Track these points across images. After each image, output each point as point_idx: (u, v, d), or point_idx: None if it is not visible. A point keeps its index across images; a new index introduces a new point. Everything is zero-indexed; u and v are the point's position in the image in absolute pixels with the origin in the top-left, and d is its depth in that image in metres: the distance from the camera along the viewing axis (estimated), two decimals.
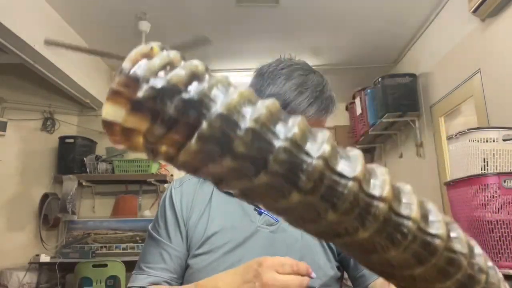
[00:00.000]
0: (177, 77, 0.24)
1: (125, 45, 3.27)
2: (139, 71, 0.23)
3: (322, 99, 0.79)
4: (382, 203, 0.26)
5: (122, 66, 0.24)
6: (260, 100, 0.25)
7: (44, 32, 2.68)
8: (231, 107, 0.24)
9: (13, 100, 3.35)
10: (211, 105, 0.24)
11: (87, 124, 3.73)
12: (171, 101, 0.23)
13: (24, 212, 3.23)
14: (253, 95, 0.26)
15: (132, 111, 0.23)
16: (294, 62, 0.84)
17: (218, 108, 0.24)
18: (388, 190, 0.27)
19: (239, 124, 0.24)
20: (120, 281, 2.75)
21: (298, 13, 2.90)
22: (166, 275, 0.82)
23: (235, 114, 0.24)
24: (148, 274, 0.82)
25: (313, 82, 0.79)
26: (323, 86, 0.81)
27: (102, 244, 3.27)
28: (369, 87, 3.44)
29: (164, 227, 0.86)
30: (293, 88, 0.77)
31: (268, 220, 0.85)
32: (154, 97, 0.23)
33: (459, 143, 1.67)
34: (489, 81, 2.28)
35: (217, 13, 2.90)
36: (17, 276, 2.85)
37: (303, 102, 0.76)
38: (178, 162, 0.25)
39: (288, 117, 0.26)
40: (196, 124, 0.24)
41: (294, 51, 3.59)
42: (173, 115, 0.23)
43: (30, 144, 3.40)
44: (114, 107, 0.23)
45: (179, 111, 0.23)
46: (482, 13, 2.20)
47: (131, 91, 0.23)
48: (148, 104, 0.23)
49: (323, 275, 0.83)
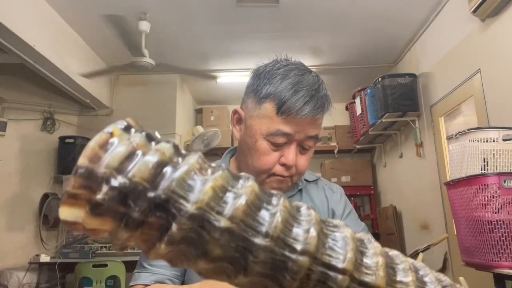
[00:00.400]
0: (140, 172, 0.21)
1: (125, 45, 3.28)
2: (96, 169, 0.20)
3: (318, 97, 0.79)
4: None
5: (77, 163, 0.21)
6: (238, 184, 0.22)
7: (44, 32, 2.68)
8: (203, 205, 0.21)
9: (13, 100, 3.34)
10: (180, 204, 0.21)
11: (87, 124, 3.73)
12: (135, 202, 0.21)
13: (24, 212, 3.23)
14: (229, 180, 0.22)
15: (93, 214, 0.21)
16: (290, 62, 0.85)
17: (189, 208, 0.21)
18: (382, 276, 0.24)
19: (213, 224, 0.21)
20: (120, 281, 2.75)
21: (298, 13, 2.90)
22: (168, 273, 0.82)
23: (208, 212, 0.21)
24: (151, 272, 0.82)
25: (309, 81, 0.80)
26: (318, 85, 0.81)
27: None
28: (369, 87, 3.44)
29: None
30: (289, 87, 0.78)
31: None
32: (115, 199, 0.20)
33: (459, 143, 1.67)
34: (489, 81, 2.28)
35: (217, 13, 2.90)
36: (17, 276, 2.85)
37: (299, 101, 0.77)
38: (150, 256, 0.23)
39: (269, 199, 0.23)
40: (166, 225, 0.21)
41: (294, 51, 3.58)
42: (138, 218, 0.21)
43: (30, 144, 3.40)
44: (71, 210, 0.21)
45: (144, 213, 0.21)
46: (482, 13, 2.20)
47: (89, 193, 0.20)
48: (109, 207, 0.20)
49: None
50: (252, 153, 0.82)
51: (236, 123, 0.88)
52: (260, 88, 0.80)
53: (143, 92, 3.85)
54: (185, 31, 3.14)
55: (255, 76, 0.85)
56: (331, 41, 3.33)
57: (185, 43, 3.33)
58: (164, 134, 3.72)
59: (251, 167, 0.83)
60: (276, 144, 0.79)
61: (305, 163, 0.84)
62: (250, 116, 0.82)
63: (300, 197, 0.92)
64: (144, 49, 2.94)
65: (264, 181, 0.83)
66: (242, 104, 0.87)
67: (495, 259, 1.45)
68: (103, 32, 3.12)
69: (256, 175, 0.83)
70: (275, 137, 0.78)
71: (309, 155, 0.85)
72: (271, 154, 0.80)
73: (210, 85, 4.17)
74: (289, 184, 0.86)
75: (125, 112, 3.76)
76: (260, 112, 0.80)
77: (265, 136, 0.79)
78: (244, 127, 0.85)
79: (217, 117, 4.34)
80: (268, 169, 0.81)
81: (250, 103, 0.83)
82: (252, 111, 0.82)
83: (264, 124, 0.79)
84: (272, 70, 0.82)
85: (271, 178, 0.82)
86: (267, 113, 0.78)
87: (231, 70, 3.82)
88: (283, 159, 0.80)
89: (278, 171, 0.81)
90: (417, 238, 3.29)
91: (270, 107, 0.78)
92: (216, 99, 4.54)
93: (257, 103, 0.80)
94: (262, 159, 0.80)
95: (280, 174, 0.82)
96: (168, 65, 3.22)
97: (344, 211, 0.92)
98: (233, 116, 0.88)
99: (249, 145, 0.82)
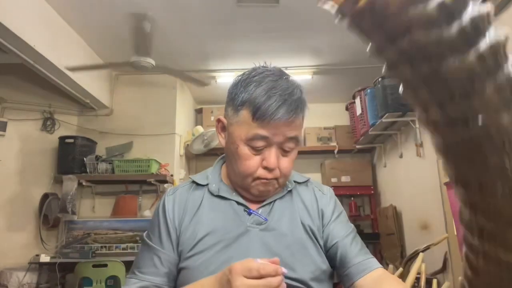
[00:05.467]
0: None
1: (125, 45, 3.28)
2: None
3: (291, 101, 0.82)
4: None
5: None
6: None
7: (44, 32, 2.68)
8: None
9: (13, 100, 3.34)
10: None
11: (87, 124, 3.73)
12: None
13: (24, 212, 3.23)
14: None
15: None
16: (266, 69, 0.88)
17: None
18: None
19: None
20: (120, 281, 2.75)
21: (298, 13, 2.89)
22: (157, 280, 0.85)
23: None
24: (139, 279, 0.85)
25: (282, 86, 0.83)
26: (292, 90, 0.84)
27: (102, 244, 3.27)
28: (369, 87, 3.44)
29: (156, 234, 0.90)
30: (263, 93, 0.81)
31: (257, 219, 0.88)
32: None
33: None
34: None
35: (217, 13, 2.90)
36: (17, 276, 2.85)
37: (272, 105, 0.80)
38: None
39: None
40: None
41: (294, 51, 3.57)
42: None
43: (30, 144, 3.40)
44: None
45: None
46: None
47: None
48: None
49: (316, 268, 0.86)
50: (236, 158, 0.86)
51: (220, 131, 0.93)
52: (237, 96, 0.85)
53: (143, 92, 3.85)
54: (185, 31, 3.14)
55: (233, 85, 0.89)
56: (331, 41, 3.33)
57: (185, 43, 3.33)
58: (164, 134, 3.73)
59: (237, 172, 0.87)
60: (256, 148, 0.83)
61: (288, 165, 0.87)
62: (231, 123, 0.87)
63: (290, 198, 0.94)
64: (148, 49, 2.94)
65: (250, 185, 0.87)
66: (224, 113, 0.91)
67: None
68: (103, 32, 3.12)
69: (242, 179, 0.87)
70: (254, 141, 0.82)
71: (292, 157, 0.88)
72: (252, 159, 0.84)
73: (210, 85, 4.17)
74: (276, 186, 0.89)
75: (125, 112, 3.77)
76: (238, 119, 0.84)
77: (245, 141, 0.83)
78: (227, 134, 0.89)
79: (217, 117, 4.34)
80: (252, 173, 0.85)
81: (229, 111, 0.87)
82: (232, 118, 0.86)
83: (242, 130, 0.83)
84: (248, 78, 0.86)
85: (256, 181, 0.86)
86: (245, 119, 0.83)
87: (230, 70, 3.82)
88: (264, 162, 0.84)
89: (262, 175, 0.85)
90: (417, 238, 3.29)
91: (246, 113, 0.82)
92: (216, 99, 4.54)
93: (235, 110, 0.85)
94: (244, 164, 0.84)
95: (263, 177, 0.85)
96: (168, 64, 3.22)
97: (333, 213, 0.94)
98: (217, 124, 0.93)
99: (232, 151, 0.86)
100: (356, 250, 0.88)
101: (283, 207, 0.92)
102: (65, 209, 3.19)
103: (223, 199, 0.91)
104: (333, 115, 4.50)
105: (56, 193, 3.36)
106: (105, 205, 3.57)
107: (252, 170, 0.84)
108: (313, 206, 0.94)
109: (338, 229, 0.91)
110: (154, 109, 3.79)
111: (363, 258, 0.86)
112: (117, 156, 3.55)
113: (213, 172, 0.98)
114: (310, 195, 0.96)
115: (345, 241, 0.89)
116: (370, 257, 0.88)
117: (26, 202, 3.26)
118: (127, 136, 3.68)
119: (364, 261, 0.86)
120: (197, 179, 0.96)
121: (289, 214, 0.91)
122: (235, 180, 0.91)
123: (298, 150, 0.90)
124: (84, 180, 3.40)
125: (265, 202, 0.91)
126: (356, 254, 0.87)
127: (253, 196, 0.90)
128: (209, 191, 0.93)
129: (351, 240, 0.89)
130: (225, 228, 0.86)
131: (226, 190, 0.93)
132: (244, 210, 0.90)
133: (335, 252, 0.88)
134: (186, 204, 0.91)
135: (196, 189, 0.94)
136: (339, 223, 0.92)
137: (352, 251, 0.87)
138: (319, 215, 0.93)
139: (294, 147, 0.87)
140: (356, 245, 0.89)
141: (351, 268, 0.85)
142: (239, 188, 0.91)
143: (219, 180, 0.95)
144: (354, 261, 0.86)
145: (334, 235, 0.90)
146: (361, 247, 0.89)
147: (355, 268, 0.85)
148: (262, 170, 0.85)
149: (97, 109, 3.73)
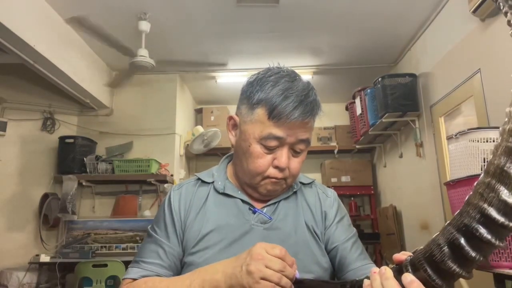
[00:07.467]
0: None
1: (125, 45, 3.28)
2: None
3: (307, 102, 0.83)
4: None
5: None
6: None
7: (44, 32, 2.68)
8: None
9: (13, 100, 3.35)
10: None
11: (87, 124, 3.73)
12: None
13: (24, 212, 3.23)
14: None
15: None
16: (281, 70, 0.89)
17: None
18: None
19: None
20: (120, 281, 2.74)
21: (298, 13, 2.90)
22: (161, 271, 0.85)
23: None
24: (142, 268, 0.85)
25: (298, 87, 0.84)
26: (308, 91, 0.85)
27: (102, 244, 3.27)
28: (369, 87, 3.44)
29: (161, 227, 0.91)
30: (280, 93, 0.82)
31: (262, 218, 0.89)
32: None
33: (459, 143, 1.67)
34: (489, 81, 2.28)
35: (217, 13, 2.90)
36: (17, 276, 2.84)
37: (289, 106, 0.80)
38: None
39: None
40: None
41: (294, 51, 3.58)
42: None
43: (30, 144, 3.40)
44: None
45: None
46: (482, 13, 2.20)
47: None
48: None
49: (319, 268, 0.86)
50: (246, 156, 0.86)
51: (231, 129, 0.93)
52: (253, 95, 0.85)
53: (143, 92, 3.85)
54: (185, 31, 3.14)
55: (248, 83, 0.90)
56: (331, 41, 3.33)
57: (185, 43, 3.33)
58: (164, 134, 3.73)
59: (246, 170, 0.87)
60: (268, 147, 0.84)
61: (298, 166, 0.88)
62: (244, 121, 0.87)
63: (295, 199, 0.95)
64: (144, 49, 2.95)
65: (259, 184, 0.88)
66: (237, 111, 0.91)
67: (495, 259, 1.45)
68: (103, 32, 3.12)
69: (251, 178, 0.88)
70: (267, 141, 0.83)
71: (302, 158, 0.89)
72: (264, 157, 0.85)
73: (210, 85, 4.17)
74: (284, 186, 0.90)
75: (125, 112, 3.77)
76: (253, 117, 0.84)
77: (258, 140, 0.84)
78: (239, 132, 0.89)
79: (217, 117, 4.34)
80: (262, 172, 0.86)
81: (243, 109, 0.88)
82: (245, 116, 0.86)
83: (257, 129, 0.83)
84: (264, 78, 0.86)
85: (266, 180, 0.87)
86: (260, 118, 0.83)
87: (230, 70, 3.82)
88: (276, 161, 0.85)
89: (272, 174, 0.86)
90: (417, 238, 3.29)
91: (262, 112, 0.83)
92: (216, 99, 4.54)
93: (250, 109, 0.85)
94: (256, 162, 0.85)
95: (273, 176, 0.86)
96: (168, 64, 3.22)
97: (336, 215, 0.95)
98: (228, 122, 0.93)
99: (243, 149, 0.87)
100: (355, 255, 0.88)
101: (288, 207, 0.92)
102: (65, 209, 3.19)
103: (229, 197, 0.92)
104: (333, 115, 4.50)
105: (56, 193, 3.36)
106: (105, 205, 3.57)
107: (263, 169, 0.85)
108: (316, 208, 0.95)
109: (339, 232, 0.91)
110: (154, 109, 3.79)
111: (362, 264, 0.87)
112: (117, 156, 3.55)
113: (219, 170, 0.98)
114: (314, 197, 0.97)
115: (345, 245, 0.89)
116: (369, 262, 0.88)
117: (26, 202, 3.26)
118: (127, 136, 3.68)
119: (362, 267, 0.86)
120: (202, 176, 0.97)
121: (293, 214, 0.91)
122: (243, 178, 0.91)
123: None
124: (84, 180, 3.40)
125: (270, 202, 0.92)
126: (355, 259, 0.87)
127: (261, 195, 0.90)
128: (214, 188, 0.93)
129: (351, 245, 0.90)
130: (230, 225, 0.87)
131: (231, 188, 0.93)
132: (249, 208, 0.90)
133: (335, 256, 0.89)
134: (192, 199, 0.92)
135: (202, 186, 0.95)
136: (341, 227, 0.93)
137: (351, 256, 0.88)
138: (322, 217, 0.94)
139: (305, 148, 0.87)
140: (356, 250, 0.89)
141: (349, 272, 0.86)
142: (246, 186, 0.92)
143: (225, 178, 0.96)
144: (353, 266, 0.86)
145: (335, 238, 0.90)
146: (361, 252, 0.90)
147: (353, 272, 0.85)
148: (273, 169, 0.85)
149: (97, 109, 3.73)
